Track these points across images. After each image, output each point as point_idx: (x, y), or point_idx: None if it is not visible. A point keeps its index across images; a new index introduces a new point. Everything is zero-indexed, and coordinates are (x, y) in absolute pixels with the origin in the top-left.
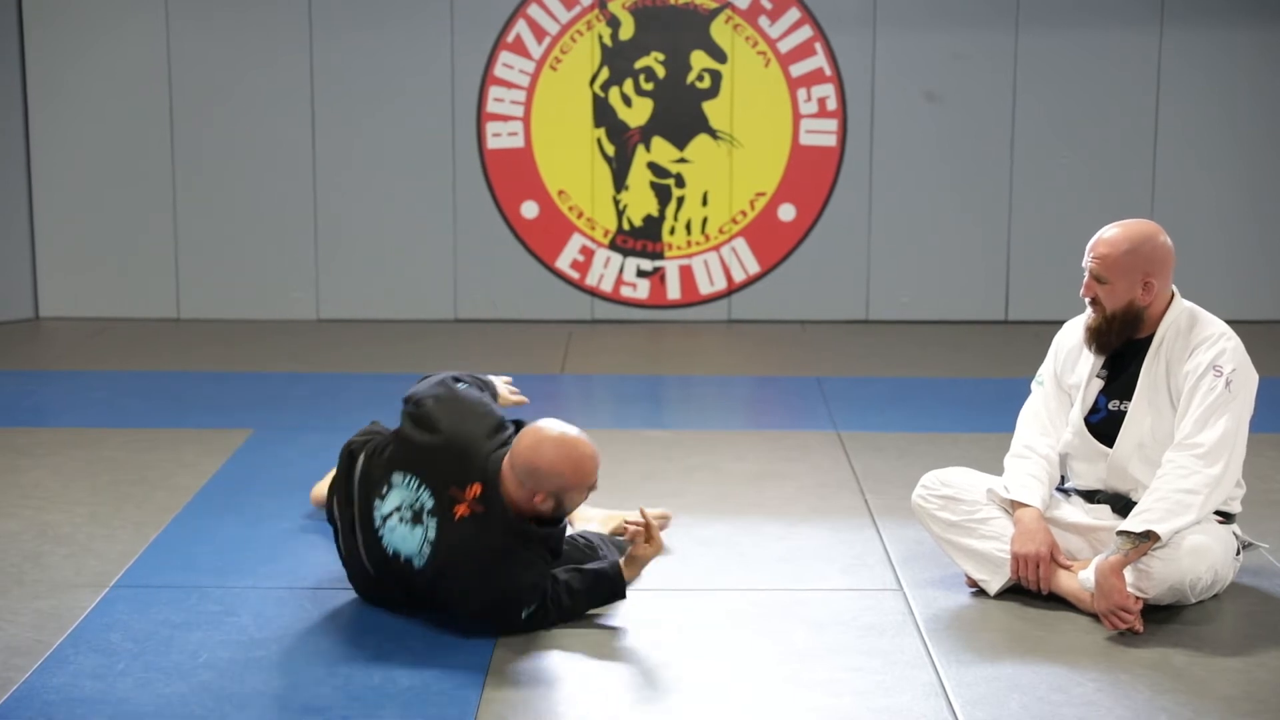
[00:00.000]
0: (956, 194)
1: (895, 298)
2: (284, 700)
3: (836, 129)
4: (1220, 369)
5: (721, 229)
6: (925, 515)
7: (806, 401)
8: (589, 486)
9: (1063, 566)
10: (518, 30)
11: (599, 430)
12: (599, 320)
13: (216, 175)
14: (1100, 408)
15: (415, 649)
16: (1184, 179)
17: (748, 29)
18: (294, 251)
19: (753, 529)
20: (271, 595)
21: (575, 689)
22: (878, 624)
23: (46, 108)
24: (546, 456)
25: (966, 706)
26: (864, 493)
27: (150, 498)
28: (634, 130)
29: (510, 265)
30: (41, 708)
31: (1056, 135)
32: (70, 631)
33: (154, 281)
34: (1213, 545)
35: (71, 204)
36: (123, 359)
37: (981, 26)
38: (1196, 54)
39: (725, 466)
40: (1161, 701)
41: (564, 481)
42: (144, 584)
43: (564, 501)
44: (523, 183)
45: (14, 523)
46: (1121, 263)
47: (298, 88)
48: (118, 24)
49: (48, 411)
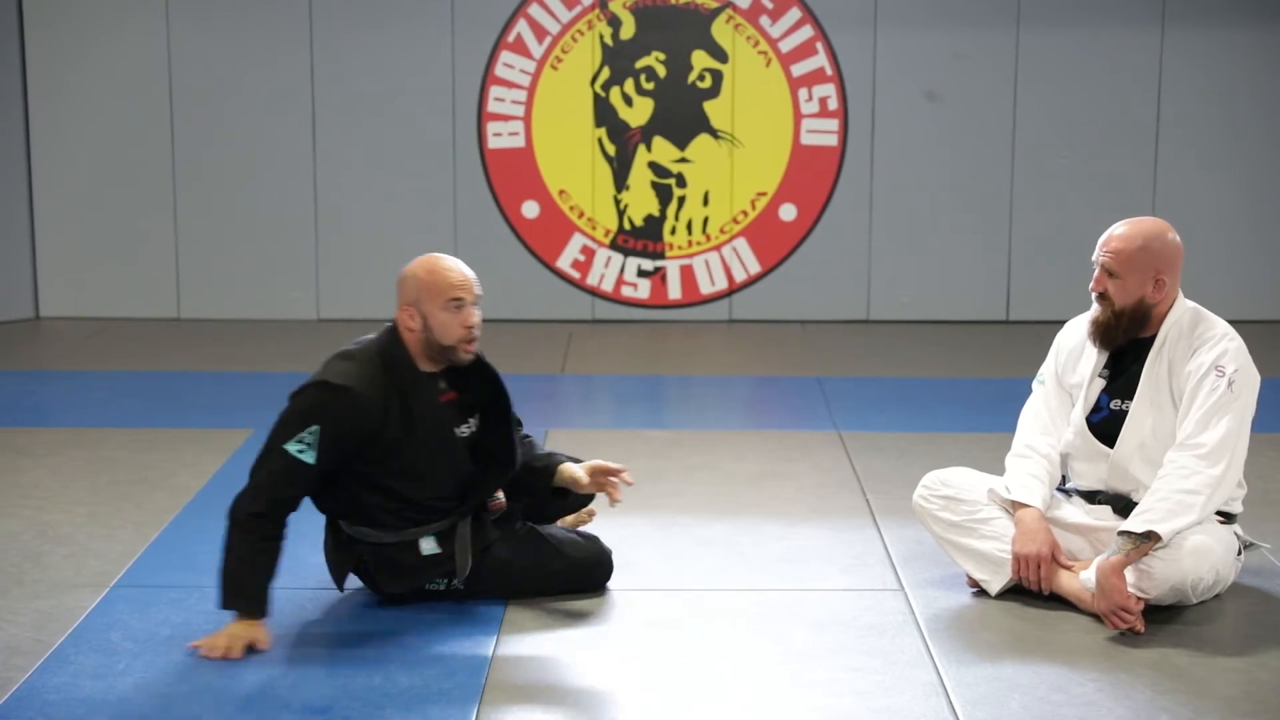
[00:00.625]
0: (957, 194)
1: (896, 297)
2: (285, 700)
3: (837, 129)
4: (1223, 369)
5: (722, 229)
6: (926, 515)
7: (807, 401)
8: (449, 298)
9: (1064, 567)
10: (518, 30)
11: (599, 430)
12: (600, 320)
13: (217, 175)
14: (1102, 407)
15: (416, 649)
16: (1185, 179)
17: (749, 29)
18: (294, 251)
19: (753, 529)
20: (272, 595)
21: (575, 688)
22: (878, 624)
23: (47, 108)
24: (410, 265)
25: (967, 706)
26: (865, 492)
27: (150, 498)
28: (635, 130)
29: (511, 265)
30: (42, 707)
31: (1057, 135)
32: (71, 631)
33: (154, 281)
34: (1214, 545)
35: (72, 204)
36: (123, 359)
37: (982, 26)
38: (1197, 54)
39: (726, 466)
40: (1162, 701)
41: (419, 285)
42: (144, 584)
43: (426, 316)
44: (523, 182)
45: (14, 523)
46: (1136, 258)
47: (298, 88)
48: (118, 24)
49: (48, 411)
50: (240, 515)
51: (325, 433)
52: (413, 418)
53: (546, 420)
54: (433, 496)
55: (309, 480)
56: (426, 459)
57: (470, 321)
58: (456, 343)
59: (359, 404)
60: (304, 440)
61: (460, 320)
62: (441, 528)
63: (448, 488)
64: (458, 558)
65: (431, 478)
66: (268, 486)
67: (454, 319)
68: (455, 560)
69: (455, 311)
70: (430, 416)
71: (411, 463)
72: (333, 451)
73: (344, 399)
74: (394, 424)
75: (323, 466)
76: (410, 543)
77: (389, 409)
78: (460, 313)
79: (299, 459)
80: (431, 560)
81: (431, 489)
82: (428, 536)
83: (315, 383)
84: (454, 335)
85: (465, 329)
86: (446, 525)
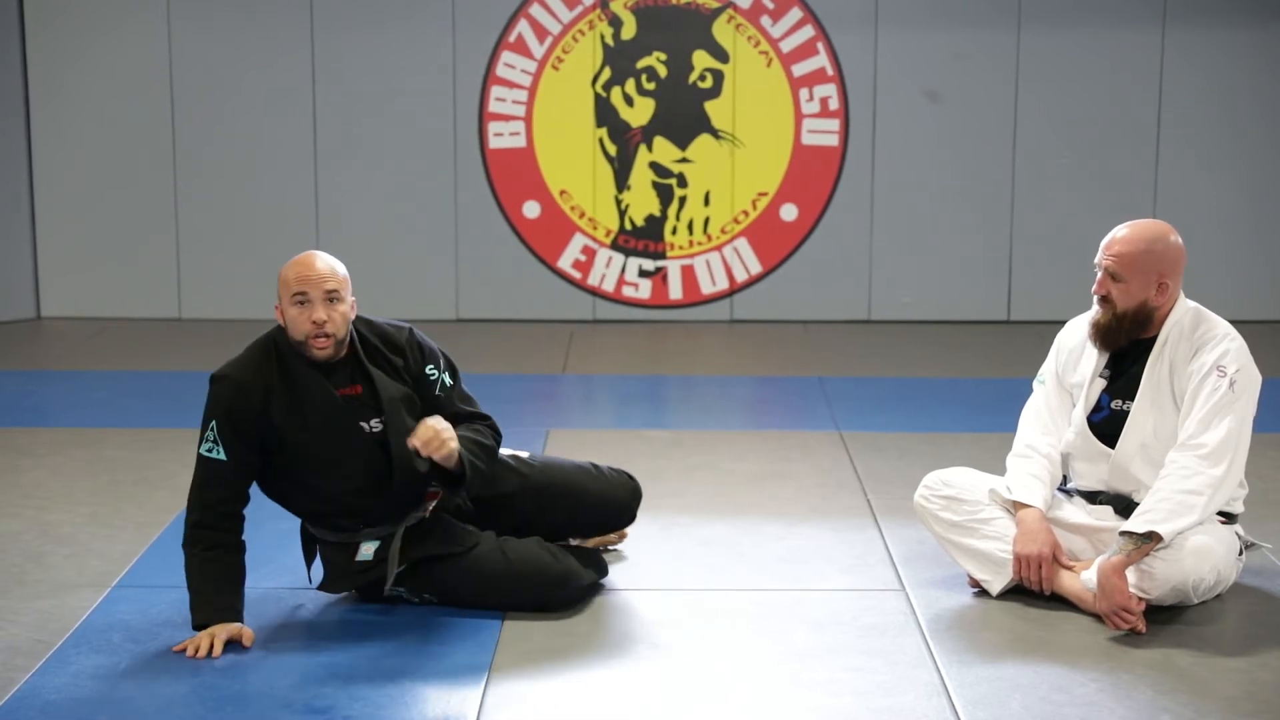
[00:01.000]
0: (958, 194)
1: (897, 298)
2: (286, 700)
3: (838, 129)
4: (1224, 369)
5: (723, 229)
6: (927, 515)
7: (808, 401)
8: (294, 293)
9: (1065, 567)
10: (519, 30)
11: (600, 430)
12: (600, 320)
13: (218, 175)
14: (1103, 407)
15: (417, 649)
16: (1185, 179)
17: (750, 29)
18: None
19: (754, 529)
20: (273, 595)
21: (577, 688)
22: (879, 624)
23: (48, 108)
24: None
25: (968, 707)
26: (865, 493)
27: (152, 498)
28: (636, 130)
29: (512, 265)
30: (43, 708)
31: (1058, 135)
32: (72, 632)
33: (155, 281)
34: (1215, 546)
35: (73, 204)
36: (124, 359)
37: (983, 26)
38: (1198, 54)
39: (726, 466)
40: (1164, 702)
41: (279, 280)
42: (145, 584)
43: (283, 311)
44: (524, 182)
45: (15, 523)
46: (1139, 261)
47: (299, 87)
48: (119, 24)
49: (49, 411)
50: (186, 532)
51: (221, 426)
52: (302, 406)
53: (547, 420)
54: (349, 490)
55: (229, 478)
56: (328, 448)
57: (314, 317)
58: (305, 338)
59: (237, 389)
60: (209, 439)
61: (306, 315)
62: (382, 534)
63: (359, 480)
64: (389, 565)
65: (338, 469)
66: (196, 494)
67: (300, 314)
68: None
69: (300, 306)
70: (323, 405)
71: (315, 452)
72: (237, 443)
73: (224, 387)
74: (280, 410)
75: (238, 460)
76: (349, 545)
77: (271, 393)
78: (305, 308)
79: (211, 458)
80: (366, 565)
81: (343, 482)
82: (369, 540)
83: (210, 378)
84: (301, 331)
85: (312, 324)
86: (387, 531)
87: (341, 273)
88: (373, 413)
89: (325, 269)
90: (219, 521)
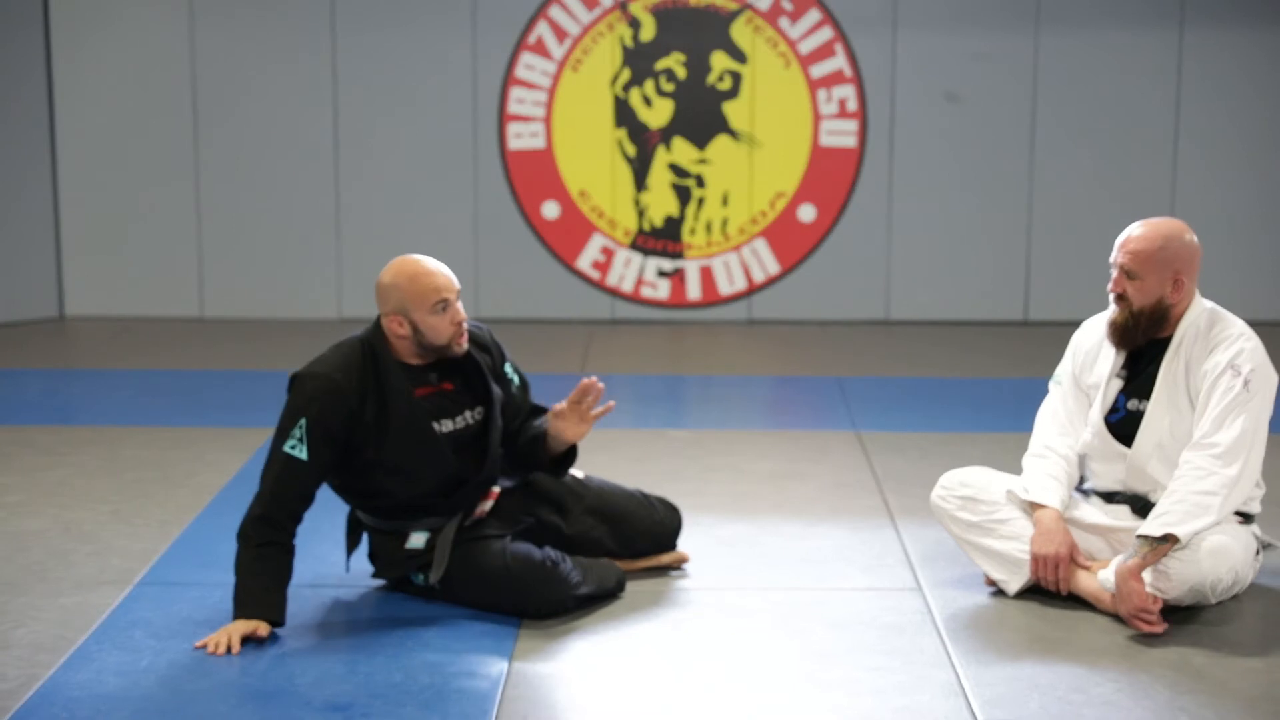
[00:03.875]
0: (976, 195)
1: (915, 298)
2: (306, 697)
3: (857, 130)
4: (1238, 368)
5: (742, 229)
6: (945, 515)
7: (826, 401)
8: (434, 302)
9: (1082, 567)
10: (539, 31)
11: (620, 430)
12: (619, 320)
13: (240, 174)
14: (1119, 407)
15: (436, 646)
16: (1204, 180)
17: (768, 30)
18: (316, 250)
19: (773, 529)
20: (293, 593)
21: (596, 687)
22: (897, 623)
23: (72, 108)
24: (387, 273)
25: (986, 706)
26: (884, 493)
27: (173, 496)
28: (654, 131)
29: (531, 265)
30: (66, 704)
31: (1076, 137)
32: (94, 628)
33: (178, 280)
34: (1232, 546)
35: (96, 203)
36: (146, 357)
37: (1002, 28)
38: (1217, 56)
39: (745, 466)
40: (1181, 702)
41: (402, 295)
42: (167, 581)
43: (416, 323)
44: (544, 183)
45: (38, 520)
46: (1155, 259)
47: (320, 87)
48: (142, 23)
49: (72, 410)
50: (245, 522)
51: (312, 424)
52: (386, 409)
53: None
54: (419, 492)
55: (307, 478)
56: (404, 452)
57: (458, 319)
58: (449, 340)
59: (335, 388)
60: (295, 436)
61: (449, 319)
62: (434, 525)
63: (431, 483)
64: (436, 555)
65: (414, 473)
66: (270, 488)
67: (442, 320)
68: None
69: (442, 313)
70: (404, 408)
71: (393, 455)
72: (325, 443)
73: (321, 385)
74: (371, 413)
75: (318, 461)
76: (400, 534)
77: (366, 397)
78: (447, 313)
79: (293, 456)
80: (414, 554)
81: (414, 485)
82: (419, 531)
83: (295, 377)
84: (445, 335)
85: (455, 325)
86: (439, 523)
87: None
88: (464, 406)
89: (448, 274)
90: (284, 520)
